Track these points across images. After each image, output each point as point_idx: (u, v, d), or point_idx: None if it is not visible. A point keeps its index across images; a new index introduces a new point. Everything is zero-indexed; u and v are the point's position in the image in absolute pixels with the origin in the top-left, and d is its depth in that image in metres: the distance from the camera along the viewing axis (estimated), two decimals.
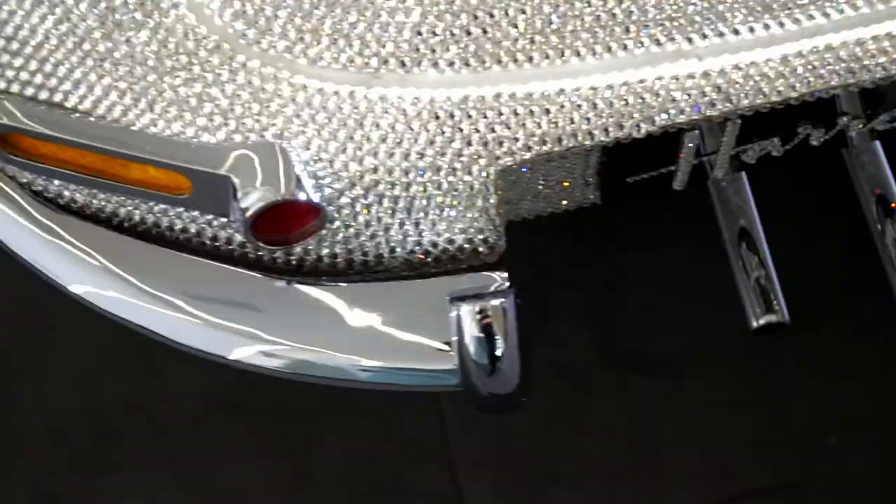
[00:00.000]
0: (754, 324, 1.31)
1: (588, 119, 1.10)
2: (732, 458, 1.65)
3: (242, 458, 1.65)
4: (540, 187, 1.22)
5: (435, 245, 1.15)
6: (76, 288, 1.19)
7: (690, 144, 1.18)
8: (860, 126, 1.25)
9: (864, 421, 1.65)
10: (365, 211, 1.12)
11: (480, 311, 1.10)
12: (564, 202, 1.27)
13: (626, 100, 1.10)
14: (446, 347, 1.12)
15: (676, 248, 1.72)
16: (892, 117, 1.25)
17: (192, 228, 1.16)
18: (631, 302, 1.71)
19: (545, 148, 1.11)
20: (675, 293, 1.71)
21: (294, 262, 1.16)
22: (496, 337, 1.10)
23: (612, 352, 1.69)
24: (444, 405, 1.66)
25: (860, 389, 1.67)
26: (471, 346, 1.10)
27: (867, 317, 1.68)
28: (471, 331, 1.09)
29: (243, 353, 1.14)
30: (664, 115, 1.11)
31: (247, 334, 1.15)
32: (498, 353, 1.10)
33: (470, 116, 1.10)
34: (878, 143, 1.37)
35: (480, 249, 1.16)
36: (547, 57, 1.10)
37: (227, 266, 1.16)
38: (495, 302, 1.10)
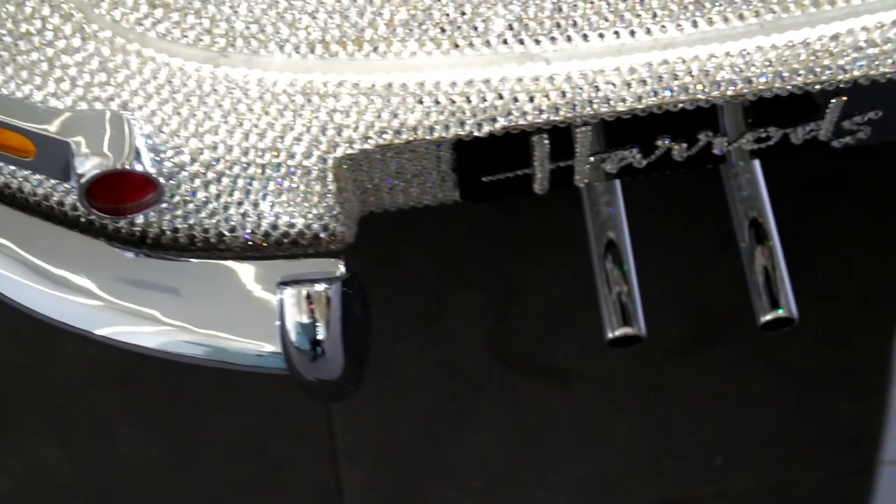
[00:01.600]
0: (609, 335, 1.30)
1: (429, 114, 1.10)
2: (618, 470, 1.65)
3: (130, 429, 1.66)
4: (393, 180, 1.22)
5: (275, 227, 1.15)
6: None
7: (540, 148, 1.18)
8: (725, 144, 1.24)
9: (751, 444, 1.65)
10: (204, 188, 1.13)
11: (304, 297, 1.10)
12: (425, 197, 1.26)
13: (468, 98, 1.10)
14: (273, 330, 1.12)
15: (582, 256, 1.71)
16: (758, 137, 1.23)
17: (40, 192, 1.17)
18: (531, 306, 1.71)
19: (384, 139, 1.11)
20: (575, 300, 1.70)
21: (137, 234, 1.17)
22: (317, 323, 1.10)
23: (506, 354, 1.69)
24: None
25: (750, 412, 1.66)
26: (291, 331, 1.10)
27: (765, 339, 1.66)
28: (291, 315, 1.10)
29: (74, 317, 1.16)
30: (507, 117, 1.11)
31: (82, 302, 1.16)
32: (319, 338, 1.10)
33: (312, 102, 1.10)
34: (756, 163, 1.35)
35: (321, 236, 1.16)
36: (393, 49, 1.10)
37: (72, 231, 1.18)
38: (318, 288, 1.10)
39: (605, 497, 1.63)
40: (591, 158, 1.22)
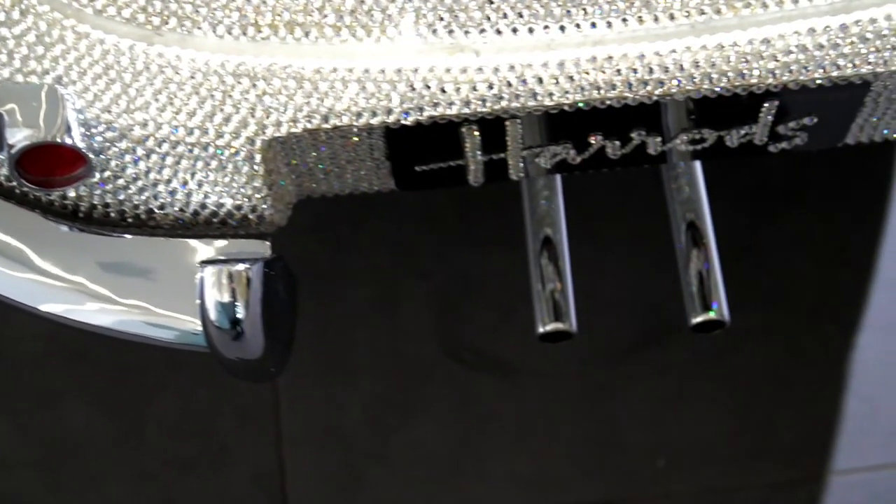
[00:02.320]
0: (540, 329, 1.31)
1: (356, 101, 1.11)
2: (560, 468, 1.65)
3: (78, 404, 1.68)
4: (327, 165, 1.23)
5: (203, 206, 1.16)
6: None
7: (470, 140, 1.19)
8: (660, 144, 1.24)
9: (694, 447, 1.65)
10: (133, 164, 1.14)
11: (224, 276, 1.11)
12: (361, 184, 1.27)
13: (396, 86, 1.11)
14: (195, 308, 1.14)
15: None
16: (693, 139, 1.24)
17: None
18: (484, 300, 1.72)
19: (312, 124, 1.12)
20: (527, 295, 1.70)
21: (70, 208, 1.18)
22: (237, 303, 1.11)
23: (456, 347, 1.70)
24: (280, 379, 1.68)
25: (695, 416, 1.66)
26: (210, 310, 1.11)
27: (715, 344, 1.67)
28: (210, 294, 1.11)
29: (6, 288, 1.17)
30: (434, 107, 1.12)
31: (12, 273, 1.17)
32: (239, 318, 1.12)
33: (242, 84, 1.12)
34: (697, 165, 1.36)
35: (250, 217, 1.17)
36: (324, 34, 1.12)
37: (7, 202, 1.19)
38: (239, 267, 1.11)
39: (545, 494, 1.64)
40: (524, 152, 1.22)
